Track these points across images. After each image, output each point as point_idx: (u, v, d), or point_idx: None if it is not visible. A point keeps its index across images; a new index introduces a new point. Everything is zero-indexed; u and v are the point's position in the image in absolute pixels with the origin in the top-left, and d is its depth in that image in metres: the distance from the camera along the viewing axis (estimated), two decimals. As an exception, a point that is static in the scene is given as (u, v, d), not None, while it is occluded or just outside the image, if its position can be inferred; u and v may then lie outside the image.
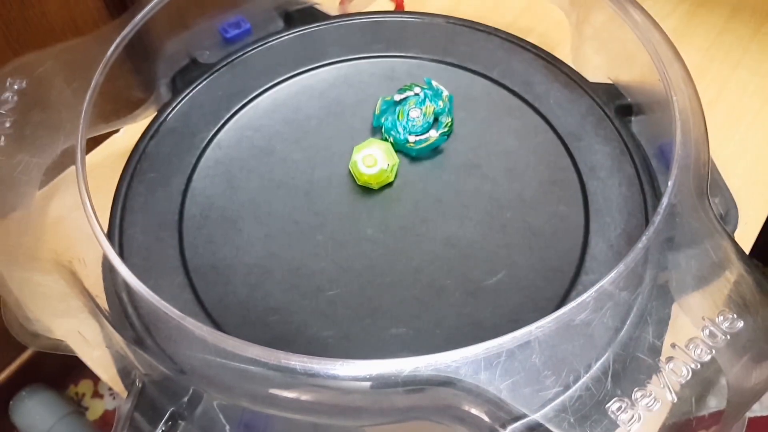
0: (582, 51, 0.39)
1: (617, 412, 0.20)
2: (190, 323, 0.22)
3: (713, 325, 0.21)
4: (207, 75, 0.38)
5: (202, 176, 0.34)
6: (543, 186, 0.33)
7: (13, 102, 0.29)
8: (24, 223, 0.29)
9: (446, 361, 0.20)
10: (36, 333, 0.27)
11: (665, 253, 0.26)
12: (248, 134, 0.36)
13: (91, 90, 0.29)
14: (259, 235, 0.32)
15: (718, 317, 0.22)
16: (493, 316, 0.29)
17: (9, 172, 0.28)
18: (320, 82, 0.38)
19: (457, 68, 0.38)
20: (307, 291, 0.30)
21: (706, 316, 0.22)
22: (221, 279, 0.30)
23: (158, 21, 0.34)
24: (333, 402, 0.24)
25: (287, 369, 0.21)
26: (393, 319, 0.29)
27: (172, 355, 0.27)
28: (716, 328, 0.21)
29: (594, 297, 0.21)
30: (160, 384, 0.26)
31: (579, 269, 0.30)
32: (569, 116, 0.35)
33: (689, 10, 0.47)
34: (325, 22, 0.40)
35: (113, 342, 0.26)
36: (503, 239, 0.31)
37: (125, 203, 0.33)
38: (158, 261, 0.31)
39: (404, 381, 0.21)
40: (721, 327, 0.21)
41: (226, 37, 0.39)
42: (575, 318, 0.21)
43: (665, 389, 0.20)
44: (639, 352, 0.23)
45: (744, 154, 0.40)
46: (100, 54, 0.31)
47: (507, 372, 0.21)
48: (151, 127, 0.36)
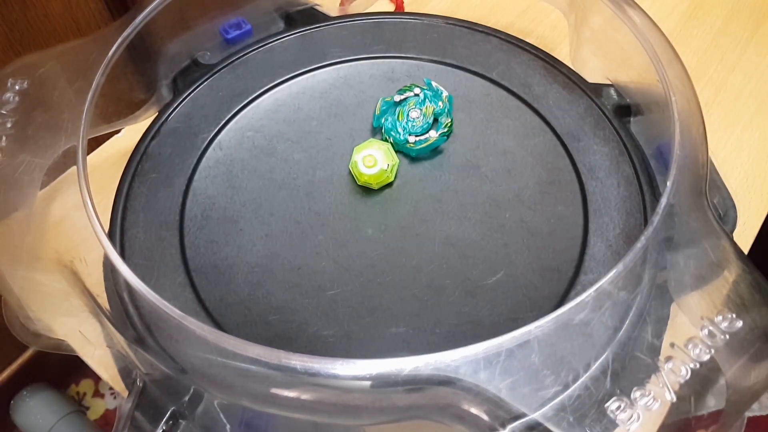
0: (580, 52, 0.39)
1: (616, 411, 0.20)
2: (192, 323, 0.23)
3: (712, 325, 0.21)
4: (208, 76, 0.38)
5: (204, 176, 0.34)
6: (542, 186, 0.33)
7: (14, 102, 0.29)
8: (26, 223, 0.29)
9: (446, 360, 0.20)
10: (37, 332, 0.27)
11: (664, 252, 0.27)
12: (249, 135, 0.36)
13: (93, 90, 0.29)
14: (260, 235, 0.32)
15: (717, 317, 0.22)
16: (492, 315, 0.29)
17: (11, 173, 0.28)
18: (321, 83, 0.38)
19: (456, 69, 0.38)
20: (308, 290, 0.30)
21: (705, 316, 0.22)
22: (222, 278, 0.31)
23: (159, 22, 0.34)
24: (333, 401, 0.24)
25: (288, 368, 0.21)
26: (393, 318, 0.29)
27: (173, 354, 0.27)
28: (715, 328, 0.21)
29: (593, 297, 0.21)
30: (161, 383, 0.26)
31: (578, 269, 0.30)
32: (568, 117, 0.36)
33: (687, 12, 0.47)
34: (326, 23, 0.40)
35: (114, 341, 0.26)
36: (502, 239, 0.32)
37: (126, 203, 0.33)
38: (159, 260, 0.31)
39: (404, 380, 0.21)
40: (720, 327, 0.21)
41: (227, 38, 0.39)
42: (574, 318, 0.21)
43: (664, 389, 0.20)
44: (638, 351, 0.23)
45: (741, 154, 0.40)
46: (101, 55, 0.31)
47: (506, 371, 0.21)
48: (153, 127, 0.36)
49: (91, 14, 0.44)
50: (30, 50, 0.44)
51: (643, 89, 0.34)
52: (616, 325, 0.25)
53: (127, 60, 0.32)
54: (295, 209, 0.33)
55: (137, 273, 0.25)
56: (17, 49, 0.43)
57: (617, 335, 0.24)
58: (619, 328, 0.24)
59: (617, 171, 0.33)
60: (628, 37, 0.32)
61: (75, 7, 0.43)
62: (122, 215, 0.32)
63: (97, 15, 0.45)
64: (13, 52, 0.42)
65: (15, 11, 0.41)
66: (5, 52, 0.42)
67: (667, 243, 0.27)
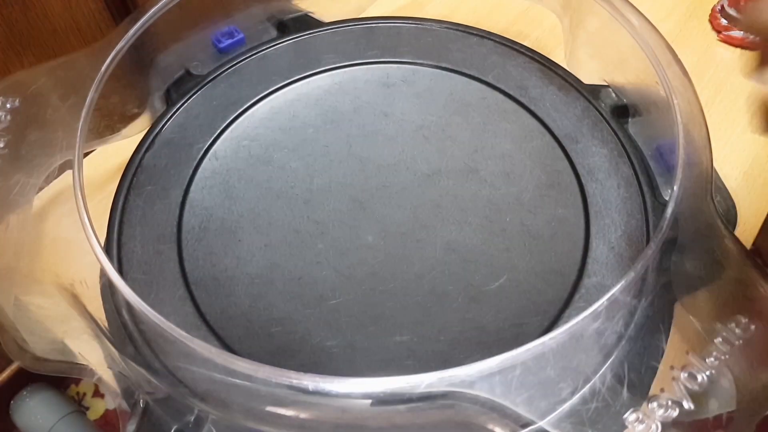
0: (576, 55, 0.39)
1: (635, 423, 0.19)
2: (199, 345, 0.22)
3: (726, 331, 0.21)
4: (201, 85, 0.37)
5: (200, 187, 0.34)
6: (541, 189, 0.33)
7: (6, 121, 0.29)
8: (20, 244, 0.28)
9: (460, 375, 0.20)
10: (36, 356, 0.27)
11: (668, 254, 0.26)
12: (245, 144, 0.35)
13: (87, 107, 0.28)
14: (260, 245, 0.32)
15: (730, 322, 0.22)
16: (496, 321, 0.29)
17: (6, 194, 0.27)
18: (315, 90, 0.37)
19: (452, 73, 0.38)
20: (310, 300, 0.30)
21: (717, 321, 0.22)
22: (223, 291, 0.30)
23: (151, 34, 0.33)
24: (344, 419, 0.24)
25: (298, 388, 0.21)
26: (397, 326, 0.29)
27: (175, 372, 0.27)
28: (729, 333, 0.21)
29: (606, 306, 0.21)
30: (164, 403, 0.26)
31: (581, 272, 0.30)
32: (566, 119, 0.36)
33: (686, 13, 0.47)
34: (319, 30, 0.40)
35: (115, 362, 0.26)
36: (503, 243, 0.31)
37: (123, 217, 0.32)
38: (158, 274, 0.30)
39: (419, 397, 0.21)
40: (735, 332, 0.21)
41: (220, 47, 0.39)
42: (588, 327, 0.21)
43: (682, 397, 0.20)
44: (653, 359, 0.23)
45: (741, 154, 0.40)
46: (92, 70, 0.31)
47: (522, 385, 0.21)
48: (147, 138, 0.35)
49: (91, 14, 0.44)
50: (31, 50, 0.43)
51: (641, 90, 0.34)
52: (630, 334, 0.24)
53: (119, 74, 0.32)
54: (293, 218, 0.33)
55: (136, 288, 0.25)
56: (17, 49, 0.42)
57: (629, 344, 0.24)
58: (632, 336, 0.24)
59: (617, 172, 0.33)
60: (625, 38, 0.32)
61: (75, 7, 0.43)
62: (118, 229, 0.32)
63: (97, 15, 0.44)
64: (13, 52, 0.42)
65: (15, 11, 0.40)
66: (5, 52, 0.42)
67: (671, 244, 0.27)
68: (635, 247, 0.30)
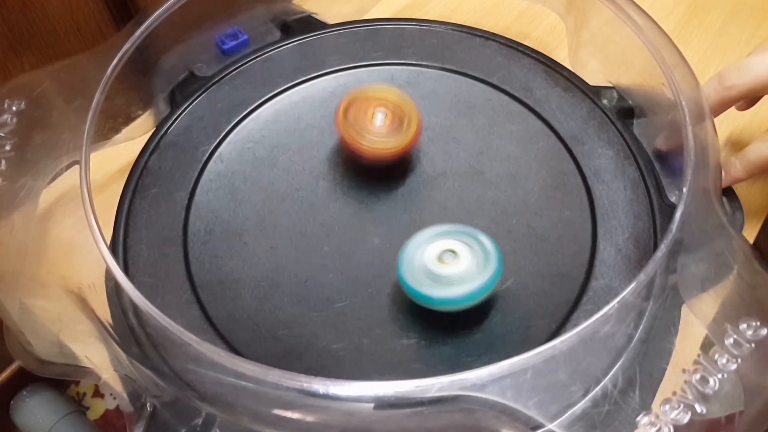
0: (580, 55, 0.39)
1: (647, 426, 0.19)
2: (208, 349, 0.22)
3: (737, 334, 0.21)
4: (206, 87, 0.37)
5: (205, 190, 0.34)
6: (547, 191, 0.33)
7: (12, 124, 0.29)
8: (24, 248, 0.28)
9: (471, 378, 0.20)
10: (41, 359, 0.27)
11: (675, 256, 0.26)
12: (250, 146, 0.35)
13: (93, 109, 0.28)
14: (265, 248, 0.32)
15: (741, 325, 0.21)
16: (504, 323, 0.29)
17: (12, 198, 0.27)
18: (320, 92, 0.37)
19: (456, 74, 0.38)
20: (317, 303, 0.30)
21: (727, 323, 0.22)
22: (229, 294, 0.30)
23: (155, 36, 0.33)
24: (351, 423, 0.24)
25: (309, 392, 0.21)
26: (403, 329, 0.29)
27: (182, 375, 0.26)
28: (740, 336, 0.21)
29: (616, 308, 0.21)
30: (172, 406, 0.26)
31: (588, 274, 0.30)
32: (571, 120, 0.35)
33: (686, 12, 0.47)
34: (323, 31, 0.40)
35: (122, 364, 0.25)
36: (510, 245, 0.31)
37: (128, 220, 0.32)
38: (164, 278, 0.30)
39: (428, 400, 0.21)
40: (746, 335, 0.21)
41: (224, 48, 0.39)
42: (599, 330, 0.21)
43: (694, 401, 0.20)
44: (663, 362, 0.23)
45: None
46: (96, 72, 0.30)
47: (533, 388, 0.21)
48: (152, 141, 0.35)
49: (91, 14, 0.44)
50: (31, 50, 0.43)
51: (646, 91, 0.34)
52: (639, 337, 0.24)
53: (124, 76, 0.32)
54: (299, 221, 0.33)
55: (142, 291, 0.25)
56: (17, 49, 0.42)
57: (638, 346, 0.24)
58: (642, 338, 0.24)
59: (623, 174, 0.33)
60: (630, 39, 0.32)
61: (75, 7, 0.43)
62: (124, 232, 0.32)
63: (97, 15, 0.44)
64: (13, 53, 0.42)
65: (15, 11, 0.40)
66: (5, 52, 0.41)
67: (677, 246, 0.27)
68: (642, 249, 0.30)
